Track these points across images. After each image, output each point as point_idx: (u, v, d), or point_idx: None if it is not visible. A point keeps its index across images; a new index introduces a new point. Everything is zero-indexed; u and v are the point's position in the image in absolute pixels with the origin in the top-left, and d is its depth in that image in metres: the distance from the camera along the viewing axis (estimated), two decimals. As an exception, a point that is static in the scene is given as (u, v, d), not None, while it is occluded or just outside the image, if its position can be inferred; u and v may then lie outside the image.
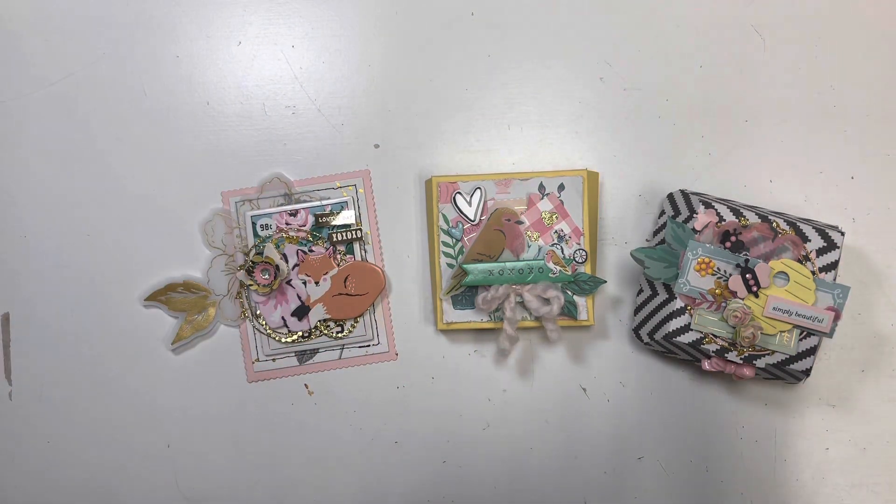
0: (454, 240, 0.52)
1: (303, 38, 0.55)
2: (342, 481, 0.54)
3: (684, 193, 0.52)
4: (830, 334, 0.49)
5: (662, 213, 0.54)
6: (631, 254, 0.50)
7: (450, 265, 0.52)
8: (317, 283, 0.53)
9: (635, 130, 0.55)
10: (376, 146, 0.55)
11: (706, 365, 0.50)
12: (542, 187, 0.52)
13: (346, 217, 0.53)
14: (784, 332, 0.49)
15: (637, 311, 0.53)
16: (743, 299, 0.49)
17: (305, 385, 0.54)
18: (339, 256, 0.54)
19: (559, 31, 0.56)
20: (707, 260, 0.49)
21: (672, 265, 0.50)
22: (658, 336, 0.51)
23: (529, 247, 0.52)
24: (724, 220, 0.50)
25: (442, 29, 0.55)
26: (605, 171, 0.55)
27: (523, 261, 0.51)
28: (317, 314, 0.53)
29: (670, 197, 0.54)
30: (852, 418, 0.55)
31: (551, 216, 0.52)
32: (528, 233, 0.52)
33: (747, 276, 0.49)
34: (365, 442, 0.54)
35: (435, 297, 0.53)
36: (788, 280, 0.49)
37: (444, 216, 0.52)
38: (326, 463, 0.54)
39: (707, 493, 0.55)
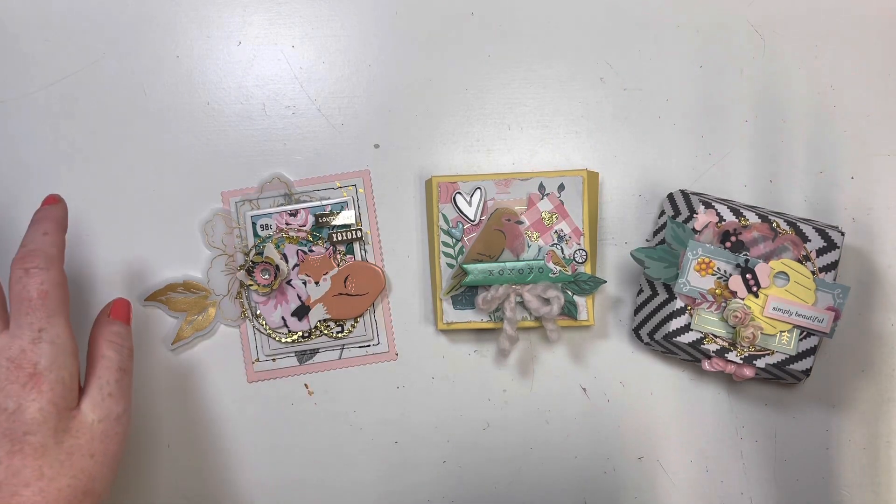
0: (454, 240, 0.52)
1: (303, 38, 0.55)
2: (342, 481, 0.54)
3: (684, 193, 0.52)
4: (830, 334, 0.49)
5: (662, 213, 0.54)
6: (631, 254, 0.50)
7: (450, 265, 0.52)
8: (317, 283, 0.53)
9: (635, 130, 0.55)
10: (376, 146, 0.55)
11: (706, 365, 0.50)
12: (542, 187, 0.52)
13: (346, 217, 0.53)
14: (784, 332, 0.49)
15: (637, 311, 0.53)
16: (743, 299, 0.49)
17: (305, 385, 0.54)
18: (339, 256, 0.54)
19: (559, 31, 0.56)
20: (707, 260, 0.49)
21: (672, 265, 0.50)
22: (658, 336, 0.51)
23: (529, 247, 0.52)
24: (724, 220, 0.50)
25: (442, 29, 0.55)
26: (605, 171, 0.55)
27: (523, 261, 0.51)
28: (317, 314, 0.53)
29: (670, 197, 0.54)
30: (852, 418, 0.55)
31: (551, 216, 0.52)
32: (528, 233, 0.52)
33: (747, 276, 0.49)
34: (365, 442, 0.54)
35: (435, 297, 0.53)
36: (788, 280, 0.49)
37: (444, 216, 0.52)
38: (326, 463, 0.54)
39: (707, 493, 0.55)
